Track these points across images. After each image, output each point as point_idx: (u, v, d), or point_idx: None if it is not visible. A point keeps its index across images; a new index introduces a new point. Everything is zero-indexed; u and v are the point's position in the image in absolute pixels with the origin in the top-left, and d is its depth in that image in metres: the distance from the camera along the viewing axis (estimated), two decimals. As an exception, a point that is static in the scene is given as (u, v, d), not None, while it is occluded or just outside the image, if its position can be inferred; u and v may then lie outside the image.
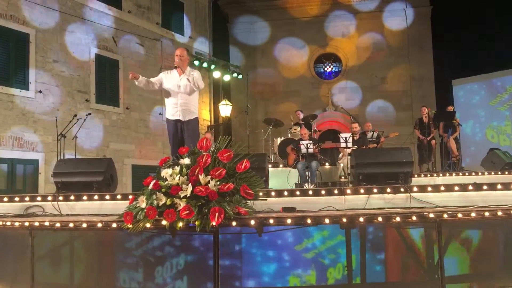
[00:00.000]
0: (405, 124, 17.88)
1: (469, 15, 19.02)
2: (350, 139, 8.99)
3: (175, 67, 6.04)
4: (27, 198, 5.33)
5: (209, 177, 3.98)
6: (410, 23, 19.23)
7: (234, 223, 3.89)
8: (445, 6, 19.09)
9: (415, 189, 4.75)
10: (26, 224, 4.47)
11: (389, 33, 19.27)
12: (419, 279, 4.48)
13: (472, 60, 18.10)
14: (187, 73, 6.10)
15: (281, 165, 10.38)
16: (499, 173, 9.18)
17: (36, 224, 4.44)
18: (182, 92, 6.07)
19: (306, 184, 8.71)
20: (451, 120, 11.05)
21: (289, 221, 3.98)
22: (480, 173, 9.32)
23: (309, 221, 3.98)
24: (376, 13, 19.38)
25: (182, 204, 3.84)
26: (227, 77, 16.78)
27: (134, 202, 4.08)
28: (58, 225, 4.33)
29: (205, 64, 15.98)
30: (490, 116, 16.18)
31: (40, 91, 11.27)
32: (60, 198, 5.24)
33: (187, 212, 3.78)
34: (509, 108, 15.79)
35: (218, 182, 3.96)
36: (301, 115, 12.04)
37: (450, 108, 11.75)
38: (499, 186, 4.64)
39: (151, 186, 4.04)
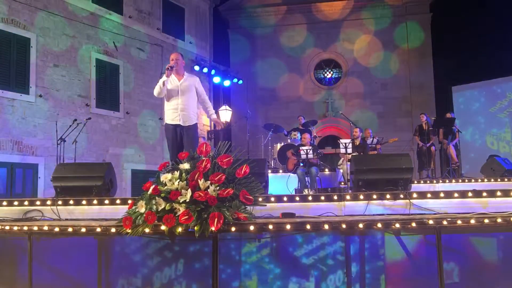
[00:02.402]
0: (405, 130, 17.90)
1: (469, 22, 19.10)
2: (350, 145, 9.01)
3: (171, 68, 5.98)
4: (26, 203, 5.32)
5: (209, 182, 3.98)
6: (410, 30, 19.29)
7: (233, 229, 3.89)
8: (445, 13, 19.20)
9: (414, 195, 4.75)
10: (25, 228, 4.46)
11: (389, 40, 19.33)
12: (418, 287, 4.46)
13: (472, 66, 18.15)
14: (185, 78, 6.12)
15: (280, 171, 10.38)
16: (499, 180, 9.18)
17: (35, 228, 4.43)
18: (182, 97, 6.07)
19: (306, 190, 8.70)
20: (451, 126, 11.06)
21: (288, 227, 3.97)
22: (479, 180, 9.32)
23: (308, 227, 3.98)
24: (376, 20, 19.45)
25: (181, 209, 3.83)
26: (227, 82, 16.83)
27: (133, 207, 4.08)
28: (57, 229, 4.32)
29: (205, 69, 16.01)
30: (490, 123, 16.19)
31: (41, 95, 11.29)
32: (59, 202, 5.23)
33: (186, 217, 3.78)
34: (509, 115, 15.80)
35: (218, 187, 3.96)
36: (303, 120, 12.07)
37: (448, 115, 11.77)
38: (498, 193, 4.64)
39: (150, 191, 4.03)
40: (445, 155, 11.05)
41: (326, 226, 3.99)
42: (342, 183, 9.59)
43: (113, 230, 4.10)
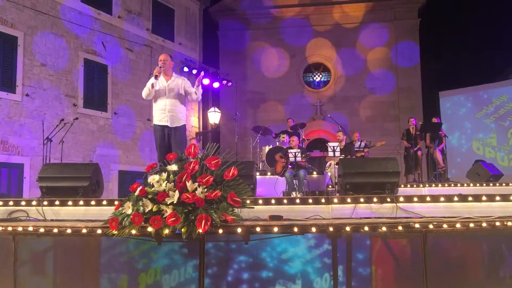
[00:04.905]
0: (392, 134, 18.03)
1: (457, 29, 19.33)
2: (338, 148, 9.05)
3: (156, 76, 5.96)
4: (11, 203, 5.25)
5: (197, 184, 3.97)
6: (398, 35, 19.45)
7: (220, 231, 3.88)
8: (433, 19, 19.42)
9: (401, 199, 4.78)
10: (9, 229, 4.40)
11: (378, 44, 19.47)
12: (404, 289, 4.50)
13: (459, 72, 18.37)
14: (173, 79, 6.12)
15: (269, 173, 10.38)
16: (484, 184, 9.28)
17: (20, 229, 4.38)
18: (170, 98, 6.06)
19: (294, 193, 8.72)
20: (438, 131, 11.16)
21: (276, 229, 3.97)
22: (465, 184, 9.41)
23: (296, 229, 3.98)
24: (365, 25, 19.58)
25: (168, 210, 3.82)
26: (216, 84, 16.80)
27: (120, 208, 4.05)
28: (42, 230, 4.28)
29: (194, 71, 15.98)
30: (476, 128, 16.38)
31: (27, 95, 11.17)
32: (45, 203, 5.16)
33: (174, 219, 3.76)
34: (494, 120, 16.00)
35: (205, 189, 3.95)
36: (292, 123, 12.09)
37: (434, 120, 11.88)
38: (484, 198, 4.69)
39: (137, 192, 4.01)
40: (432, 160, 11.14)
41: (314, 229, 4.00)
42: (330, 186, 9.62)
43: (99, 231, 4.07)
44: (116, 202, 4.46)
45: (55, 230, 4.24)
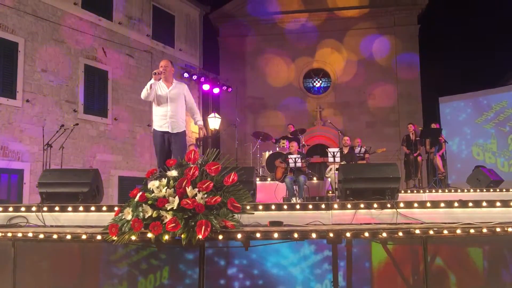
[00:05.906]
0: (392, 140, 18.02)
1: (457, 34, 19.38)
2: (338, 154, 9.04)
3: (155, 73, 5.99)
4: (10, 209, 5.24)
5: (197, 189, 3.96)
6: (398, 40, 19.50)
7: (220, 237, 3.87)
8: (432, 25, 19.51)
9: (401, 205, 4.77)
10: (9, 235, 4.39)
11: (378, 50, 19.51)
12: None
13: (458, 78, 18.40)
14: (174, 85, 6.14)
15: (269, 179, 10.38)
16: (484, 190, 9.27)
17: (19, 235, 4.36)
18: (171, 104, 6.07)
19: (294, 198, 8.70)
20: (437, 137, 11.17)
21: (276, 235, 3.96)
22: (465, 190, 9.40)
23: (296, 235, 3.97)
24: (364, 30, 19.63)
25: (168, 216, 3.80)
26: (216, 90, 16.84)
27: (120, 214, 4.04)
28: (41, 236, 4.26)
29: (194, 77, 16.01)
30: (476, 133, 16.36)
31: (28, 100, 11.18)
32: (45, 209, 5.16)
33: (173, 225, 3.75)
34: (494, 126, 15.99)
35: (205, 195, 3.94)
36: (292, 129, 12.11)
37: (433, 125, 11.89)
38: (484, 204, 4.68)
39: (137, 198, 4.00)
40: (432, 165, 11.14)
41: (314, 235, 3.98)
42: (330, 192, 9.61)
43: (98, 237, 4.06)
44: (116, 208, 4.45)
45: (55, 236, 4.22)
